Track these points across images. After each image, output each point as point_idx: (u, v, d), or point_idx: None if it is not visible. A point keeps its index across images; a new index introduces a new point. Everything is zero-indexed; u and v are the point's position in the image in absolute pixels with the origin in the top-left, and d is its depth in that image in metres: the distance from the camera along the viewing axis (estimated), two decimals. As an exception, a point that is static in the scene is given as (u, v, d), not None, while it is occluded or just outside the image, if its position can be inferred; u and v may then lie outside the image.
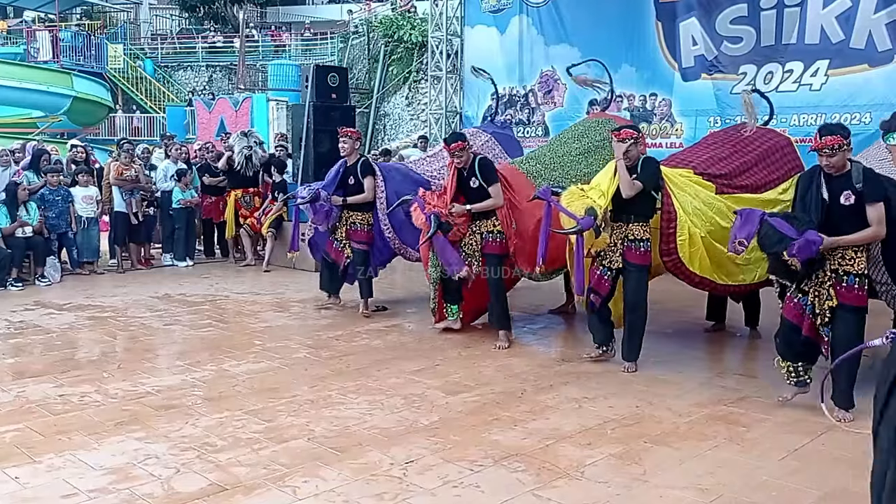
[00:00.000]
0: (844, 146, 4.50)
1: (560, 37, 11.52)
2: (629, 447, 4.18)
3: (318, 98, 10.08)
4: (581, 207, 5.32)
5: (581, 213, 5.29)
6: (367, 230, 7.25)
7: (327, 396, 4.98)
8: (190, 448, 4.09)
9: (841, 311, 4.56)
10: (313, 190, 7.13)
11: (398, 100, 18.03)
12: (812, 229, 4.45)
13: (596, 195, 5.41)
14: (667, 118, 10.44)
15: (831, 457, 4.08)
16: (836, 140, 4.48)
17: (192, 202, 10.39)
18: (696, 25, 9.91)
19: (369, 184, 7.13)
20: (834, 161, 4.51)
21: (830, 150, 4.48)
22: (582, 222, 5.28)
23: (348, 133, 7.30)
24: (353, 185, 7.19)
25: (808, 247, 4.40)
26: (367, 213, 7.22)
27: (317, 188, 7.16)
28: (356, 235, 7.26)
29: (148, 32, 29.91)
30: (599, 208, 5.32)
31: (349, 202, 7.17)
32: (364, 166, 7.19)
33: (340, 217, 7.27)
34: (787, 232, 4.44)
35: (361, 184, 7.14)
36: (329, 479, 3.72)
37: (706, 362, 6.26)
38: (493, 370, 5.64)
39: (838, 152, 4.49)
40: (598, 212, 5.31)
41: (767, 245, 4.55)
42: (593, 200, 5.36)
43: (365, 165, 7.20)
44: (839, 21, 8.78)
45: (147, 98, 24.19)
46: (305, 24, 27.11)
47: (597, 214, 5.29)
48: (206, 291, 8.66)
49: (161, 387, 5.16)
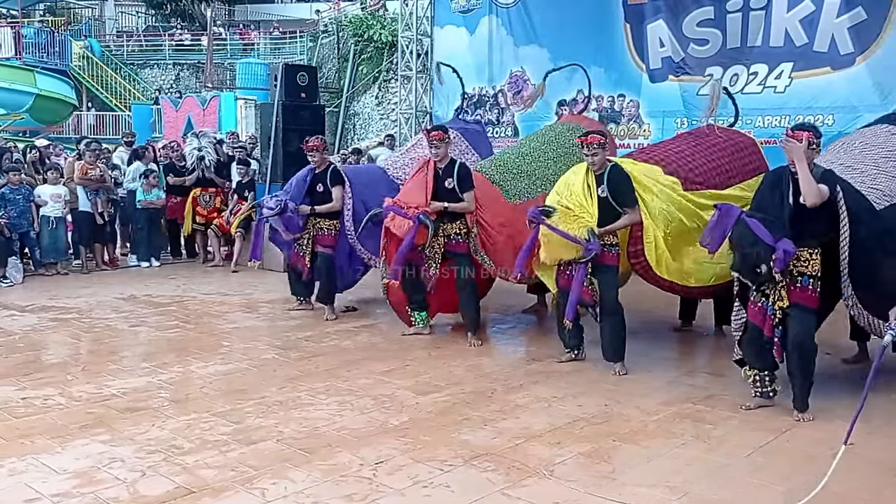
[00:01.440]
0: (815, 144, 4.58)
1: (529, 38, 11.55)
2: (598, 446, 4.21)
3: (287, 97, 10.01)
4: (581, 229, 5.31)
5: (584, 236, 5.28)
6: (333, 235, 7.19)
7: (296, 397, 4.94)
8: (156, 451, 4.04)
9: (793, 311, 4.63)
10: (280, 201, 6.99)
11: (368, 99, 17.97)
12: (786, 237, 4.50)
13: (582, 212, 5.40)
14: (635, 119, 10.53)
15: (796, 453, 4.15)
16: (809, 136, 4.56)
17: (155, 203, 10.23)
18: (664, 28, 10.00)
19: (337, 193, 7.07)
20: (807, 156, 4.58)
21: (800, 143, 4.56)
22: (591, 247, 5.28)
23: (314, 147, 7.13)
24: (321, 193, 7.13)
25: (786, 257, 4.47)
26: (335, 219, 7.17)
27: (284, 199, 7.02)
28: (322, 240, 7.19)
29: (113, 29, 29.49)
30: (595, 227, 5.35)
31: (317, 211, 7.11)
32: (333, 175, 7.13)
33: (306, 223, 7.19)
34: (763, 236, 4.48)
35: (330, 191, 7.09)
36: (298, 480, 3.70)
37: (674, 361, 6.33)
38: (463, 370, 5.64)
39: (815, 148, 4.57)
40: (596, 230, 5.33)
41: (741, 245, 4.58)
42: (587, 221, 5.35)
43: (334, 174, 7.14)
44: (803, 24, 8.91)
45: (112, 96, 23.84)
46: (274, 23, 26.92)
47: (596, 234, 5.32)
48: (173, 292, 8.56)
49: (127, 389, 5.08)
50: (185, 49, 25.33)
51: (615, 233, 5.50)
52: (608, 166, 5.49)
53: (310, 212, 7.10)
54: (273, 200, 7.08)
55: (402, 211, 6.12)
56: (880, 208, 5.03)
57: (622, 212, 5.44)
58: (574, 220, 5.36)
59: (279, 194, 7.24)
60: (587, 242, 5.27)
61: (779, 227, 4.53)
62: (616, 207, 5.43)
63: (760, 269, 4.51)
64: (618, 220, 5.43)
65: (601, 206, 5.44)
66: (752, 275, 4.60)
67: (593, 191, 5.46)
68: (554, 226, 5.36)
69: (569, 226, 5.34)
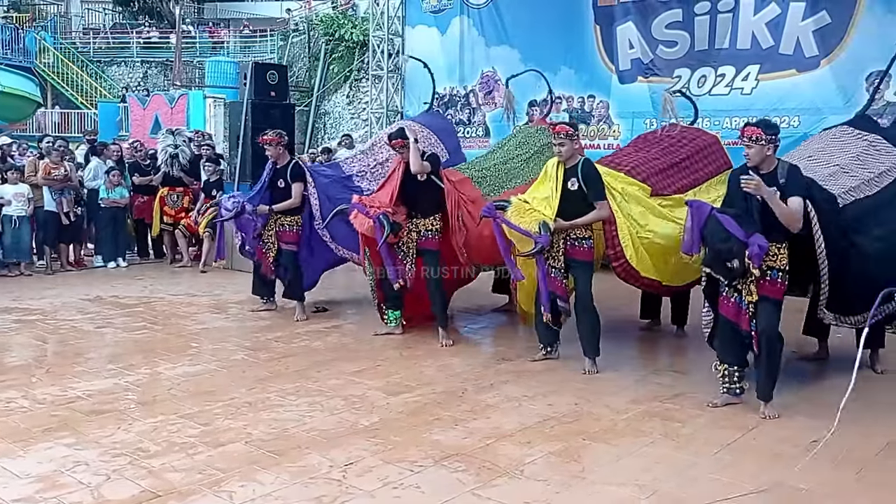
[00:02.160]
0: (762, 139, 4.62)
1: (501, 38, 11.58)
2: (568, 445, 4.22)
3: (257, 96, 9.96)
4: (533, 222, 5.30)
5: (535, 230, 5.28)
6: (296, 231, 7.14)
7: (266, 399, 4.90)
8: (122, 454, 3.97)
9: (763, 304, 4.69)
10: (237, 203, 6.94)
11: (339, 98, 17.86)
12: (757, 232, 4.55)
13: (541, 206, 5.41)
14: (604, 120, 10.60)
15: (763, 450, 4.20)
16: (755, 131, 4.62)
17: (118, 202, 10.08)
18: (633, 30, 10.09)
19: (297, 189, 7.01)
20: (750, 153, 4.65)
21: (748, 139, 4.64)
22: (540, 240, 5.28)
23: (269, 140, 7.09)
24: (282, 189, 7.07)
25: (761, 252, 4.51)
26: (297, 215, 7.12)
27: (241, 201, 6.97)
28: (285, 236, 7.13)
29: (79, 26, 29.01)
30: (550, 220, 5.34)
31: (276, 210, 7.04)
32: (294, 170, 7.06)
33: (268, 220, 7.13)
34: (735, 232, 4.52)
35: (290, 187, 7.02)
36: (266, 482, 3.66)
37: (642, 360, 6.38)
38: (434, 370, 5.64)
39: (755, 144, 4.62)
40: (551, 224, 5.33)
41: (712, 241, 4.63)
42: (542, 213, 5.35)
43: (295, 169, 7.07)
44: (769, 27, 9.04)
45: (78, 94, 23.46)
46: (244, 21, 26.67)
47: (550, 228, 5.31)
48: (140, 293, 8.44)
49: (92, 391, 5.00)
50: (152, 47, 24.98)
51: (589, 227, 5.52)
52: (580, 160, 5.52)
53: (269, 211, 7.04)
54: (230, 201, 7.01)
55: (365, 209, 6.13)
56: (843, 205, 5.13)
57: (592, 206, 5.46)
58: (528, 213, 5.36)
59: (237, 195, 7.19)
60: (537, 235, 5.27)
61: (750, 223, 4.59)
62: (585, 201, 5.45)
63: (733, 264, 4.55)
64: (587, 214, 5.46)
65: (571, 199, 5.45)
66: (725, 270, 4.64)
67: (559, 184, 5.47)
68: (507, 219, 5.38)
69: (521, 219, 5.34)
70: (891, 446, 4.28)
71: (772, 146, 4.67)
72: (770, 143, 4.65)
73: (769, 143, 4.64)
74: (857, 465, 4.00)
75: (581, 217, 5.44)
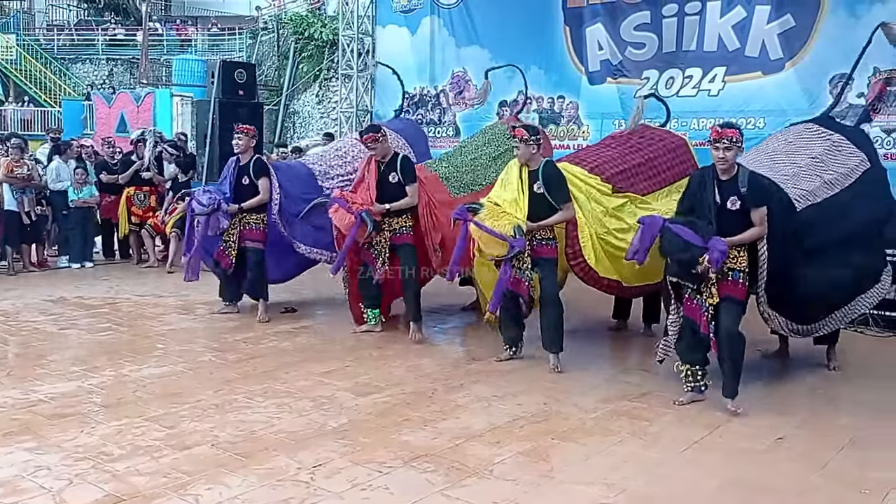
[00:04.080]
0: (739, 142, 4.68)
1: (471, 39, 11.58)
2: (537, 444, 4.23)
3: (225, 94, 9.86)
4: (507, 226, 5.31)
5: (510, 233, 5.28)
6: (261, 229, 7.06)
7: (233, 400, 4.85)
8: (85, 458, 3.90)
9: (724, 304, 4.74)
10: (214, 199, 6.83)
11: (308, 98, 17.77)
12: (714, 236, 4.60)
13: (512, 209, 5.42)
14: (574, 120, 10.64)
15: (728, 448, 4.25)
16: (735, 133, 4.66)
17: (89, 202, 9.93)
18: (602, 31, 10.14)
19: (264, 184, 6.95)
20: (729, 155, 4.68)
21: (729, 141, 4.65)
22: (516, 244, 5.29)
23: (244, 130, 7.05)
24: (246, 186, 6.99)
25: (722, 256, 4.56)
26: (262, 213, 7.04)
27: (217, 198, 6.86)
28: (251, 234, 7.03)
29: (43, 23, 28.49)
30: (523, 223, 5.35)
31: (244, 207, 6.95)
32: (258, 166, 6.99)
33: (232, 218, 7.03)
34: (691, 239, 4.57)
35: (255, 184, 6.96)
36: (233, 485, 3.62)
37: (610, 359, 6.43)
38: (403, 370, 5.62)
39: (734, 147, 4.67)
40: (524, 227, 5.34)
41: (672, 252, 4.66)
42: (514, 216, 5.36)
43: (258, 165, 7.00)
44: (735, 30, 9.13)
45: (42, 91, 23.05)
46: (212, 19, 26.39)
47: (524, 231, 5.33)
48: (106, 294, 8.31)
49: (55, 394, 4.91)
50: (118, 44, 24.62)
51: (552, 227, 5.55)
52: (542, 162, 5.54)
53: (237, 210, 6.96)
54: (206, 196, 6.87)
55: (347, 205, 6.10)
56: (800, 208, 5.20)
57: (557, 208, 5.49)
58: (502, 216, 5.37)
59: (212, 189, 7.05)
60: (513, 239, 5.28)
61: (705, 228, 4.64)
62: (552, 203, 5.48)
63: (697, 269, 4.60)
64: (552, 216, 5.48)
65: (537, 201, 5.48)
66: (691, 277, 4.69)
67: (525, 186, 5.49)
68: (480, 222, 5.38)
69: (496, 222, 5.35)
70: (853, 443, 4.36)
71: (741, 150, 4.74)
72: (741, 146, 4.73)
73: (740, 146, 4.71)
74: (820, 462, 4.06)
75: (547, 219, 5.47)
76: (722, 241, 4.58)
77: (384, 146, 6.33)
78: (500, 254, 5.39)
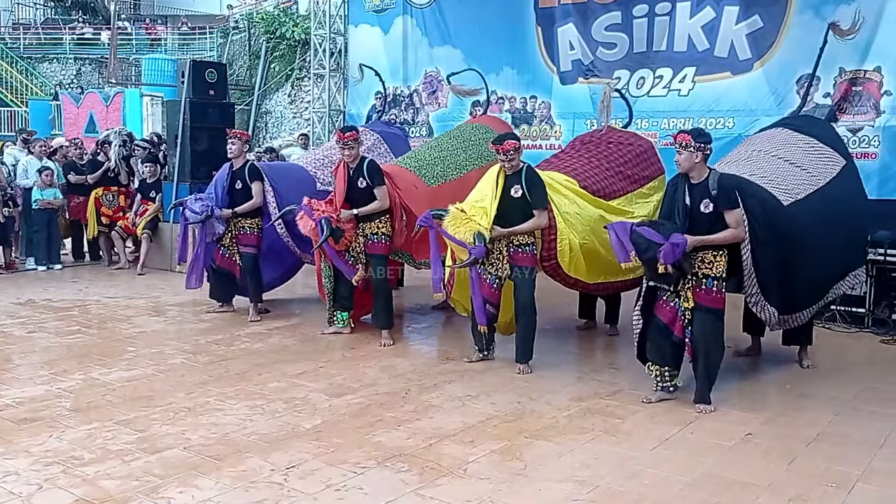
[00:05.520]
0: (691, 146, 4.73)
1: (444, 38, 11.60)
2: (511, 443, 4.25)
3: (196, 94, 9.73)
4: (468, 233, 5.31)
5: (470, 240, 5.29)
6: (256, 234, 7.10)
7: (205, 403, 4.81)
8: (54, 462, 3.86)
9: (699, 313, 4.80)
10: (207, 207, 6.82)
11: (280, 97, 17.67)
12: (675, 233, 4.66)
13: (478, 215, 5.42)
14: (546, 120, 10.70)
15: (699, 444, 4.30)
16: (684, 137, 4.75)
17: (53, 203, 9.78)
18: (574, 31, 10.20)
19: (257, 188, 6.97)
20: (679, 159, 4.79)
21: (678, 144, 4.77)
22: (474, 252, 5.30)
23: (237, 135, 7.08)
24: (240, 190, 7.01)
25: (672, 250, 4.60)
26: (256, 217, 7.06)
27: (210, 205, 6.85)
28: (245, 239, 7.07)
29: (9, 21, 28.01)
30: (486, 230, 5.36)
31: (239, 212, 6.97)
32: (251, 171, 7.02)
33: (227, 223, 7.04)
34: (654, 238, 4.64)
35: (249, 189, 6.96)
36: (206, 488, 3.60)
37: (581, 357, 6.48)
38: (377, 371, 5.62)
39: (684, 150, 4.75)
40: (486, 234, 5.34)
41: (638, 251, 4.72)
42: (477, 223, 5.36)
43: (252, 170, 7.03)
44: (704, 31, 9.24)
45: (7, 91, 22.66)
46: (182, 18, 26.13)
47: (485, 238, 5.33)
48: (75, 296, 8.20)
49: (23, 398, 4.84)
50: (86, 43, 24.27)
51: (531, 233, 5.56)
52: (523, 166, 5.56)
53: (231, 214, 6.96)
54: (199, 204, 6.85)
55: (310, 212, 6.13)
56: (787, 204, 5.28)
57: (531, 214, 5.49)
58: (465, 222, 5.37)
59: (203, 196, 7.00)
60: (472, 247, 5.29)
61: (669, 228, 4.70)
62: (526, 208, 5.49)
63: (667, 269, 4.65)
64: (525, 223, 5.49)
65: (515, 205, 5.49)
66: (661, 278, 4.73)
67: (499, 191, 5.51)
68: (444, 229, 5.40)
69: (458, 229, 5.36)
70: (820, 437, 4.43)
71: (700, 154, 4.77)
72: (699, 150, 4.75)
73: (697, 150, 4.75)
74: (789, 457, 4.13)
75: (520, 225, 5.48)
76: (680, 236, 4.63)
77: (358, 149, 6.31)
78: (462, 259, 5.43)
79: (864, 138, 8.12)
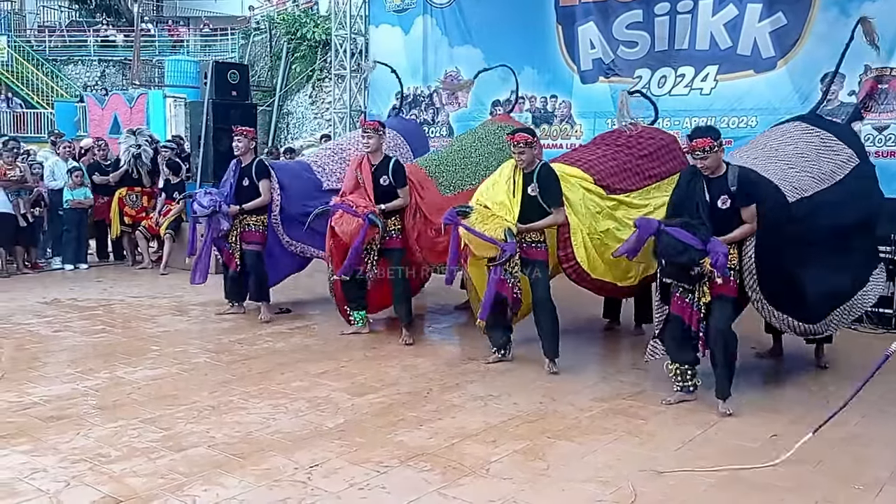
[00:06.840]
0: (716, 147, 4.70)
1: (464, 38, 11.60)
2: (533, 443, 4.25)
3: (218, 95, 9.81)
4: (498, 229, 5.28)
5: (501, 237, 5.26)
6: (261, 231, 7.09)
7: (228, 402, 4.85)
8: (81, 460, 3.90)
9: (716, 301, 4.75)
10: (214, 202, 6.84)
11: (301, 98, 17.76)
12: (711, 236, 4.61)
13: (502, 211, 5.41)
14: (567, 119, 10.67)
15: (722, 446, 4.27)
16: (707, 142, 4.68)
17: (84, 203, 9.91)
18: (594, 30, 10.16)
19: (265, 186, 6.99)
20: (708, 163, 4.72)
21: (703, 151, 4.69)
22: (507, 248, 5.27)
23: (243, 132, 7.11)
24: (247, 187, 7.01)
25: (725, 260, 4.57)
26: (262, 215, 7.07)
27: (218, 200, 6.87)
28: (249, 236, 7.06)
29: (34, 24, 28.39)
30: (514, 226, 5.34)
31: (246, 209, 6.98)
32: (259, 168, 7.02)
33: (233, 220, 7.06)
34: (689, 241, 4.56)
35: (256, 186, 6.98)
36: (230, 486, 3.63)
37: (604, 358, 6.45)
38: (399, 370, 5.63)
39: (710, 154, 4.69)
40: (514, 230, 5.33)
41: (669, 255, 4.64)
42: (504, 219, 5.35)
43: (260, 167, 7.03)
44: (727, 28, 9.17)
45: (34, 93, 22.97)
46: (204, 20, 26.34)
47: (514, 234, 5.32)
48: (100, 296, 8.29)
49: (50, 396, 4.90)
50: (110, 45, 24.56)
51: (542, 230, 5.55)
52: (538, 164, 5.54)
53: (238, 211, 6.98)
54: (207, 198, 6.88)
55: (352, 209, 6.07)
56: (792, 201, 5.21)
57: (549, 211, 5.49)
58: (492, 219, 5.35)
59: (212, 191, 7.05)
60: (504, 243, 5.27)
61: (702, 229, 4.64)
62: (544, 206, 5.48)
63: (695, 271, 4.60)
64: (542, 219, 5.48)
65: (530, 203, 5.47)
66: (689, 278, 4.69)
67: (518, 189, 5.49)
68: (470, 226, 5.36)
69: (486, 226, 5.33)
70: (847, 439, 4.38)
71: (722, 150, 4.76)
72: (721, 147, 4.74)
73: (720, 147, 4.73)
74: (815, 459, 4.08)
75: (538, 221, 5.47)
76: (721, 243, 4.58)
77: (379, 141, 6.32)
78: (491, 257, 5.40)
79: (891, 136, 8.01)
